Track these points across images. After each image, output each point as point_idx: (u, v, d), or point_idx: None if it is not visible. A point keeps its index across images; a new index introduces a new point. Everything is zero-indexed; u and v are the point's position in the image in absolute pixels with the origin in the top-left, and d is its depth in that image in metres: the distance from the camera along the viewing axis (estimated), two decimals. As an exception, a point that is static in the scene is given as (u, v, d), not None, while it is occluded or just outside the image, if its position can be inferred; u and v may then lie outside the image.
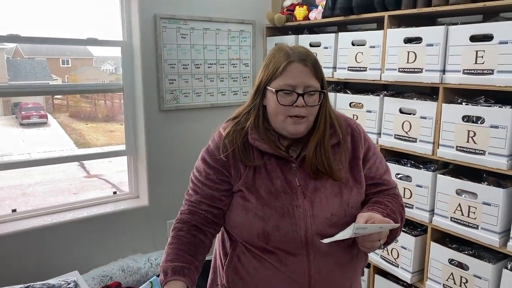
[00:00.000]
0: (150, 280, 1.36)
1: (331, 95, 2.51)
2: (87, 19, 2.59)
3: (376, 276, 2.44)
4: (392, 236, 1.18)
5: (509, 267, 1.84)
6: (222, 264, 1.26)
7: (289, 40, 2.85)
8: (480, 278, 1.92)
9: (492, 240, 1.85)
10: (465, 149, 1.92)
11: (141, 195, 2.86)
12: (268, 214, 1.15)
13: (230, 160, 1.20)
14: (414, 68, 2.08)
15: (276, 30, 3.05)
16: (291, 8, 2.89)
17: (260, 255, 1.18)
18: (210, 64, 2.88)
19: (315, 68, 1.16)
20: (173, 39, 2.70)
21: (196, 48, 2.81)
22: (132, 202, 2.83)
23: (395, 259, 2.29)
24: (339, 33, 2.52)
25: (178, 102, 2.79)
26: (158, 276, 2.08)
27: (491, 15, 2.04)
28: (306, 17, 2.79)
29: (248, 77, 3.08)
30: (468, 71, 1.87)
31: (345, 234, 1.06)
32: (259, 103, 1.22)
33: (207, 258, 1.22)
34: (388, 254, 2.33)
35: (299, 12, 2.82)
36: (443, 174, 2.06)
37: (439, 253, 2.09)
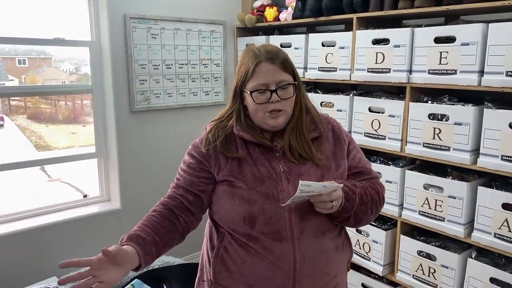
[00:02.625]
0: (131, 283, 1.35)
1: (302, 94, 2.57)
2: (53, 18, 2.52)
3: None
4: (350, 206, 1.21)
5: (473, 256, 1.95)
6: (209, 259, 1.29)
7: (260, 40, 2.88)
8: (447, 267, 2.03)
9: (457, 231, 1.96)
10: (431, 146, 2.01)
11: (113, 198, 2.81)
12: (254, 197, 1.20)
13: (211, 152, 1.27)
14: (382, 69, 2.16)
15: (246, 30, 3.08)
16: (261, 9, 2.92)
17: (246, 243, 1.21)
18: (181, 64, 2.87)
19: (283, 64, 1.23)
20: (143, 39, 2.67)
21: (167, 49, 2.79)
22: (104, 205, 2.78)
23: (367, 253, 2.37)
24: (309, 34, 2.58)
25: (149, 103, 2.76)
26: (137, 278, 2.06)
27: (452, 17, 2.14)
28: (276, 18, 2.83)
29: (220, 77, 3.09)
30: (433, 71, 1.97)
31: (296, 194, 1.11)
32: (239, 105, 1.29)
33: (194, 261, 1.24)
34: (360, 248, 2.41)
35: (269, 13, 2.85)
36: (411, 169, 2.15)
37: (408, 246, 2.18)
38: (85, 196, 2.80)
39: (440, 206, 2.01)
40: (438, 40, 1.94)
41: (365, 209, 1.25)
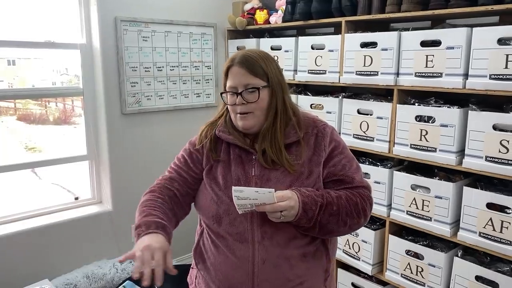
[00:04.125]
0: (123, 284, 1.37)
1: (293, 97, 2.59)
2: (43, 21, 2.52)
3: (339, 270, 2.55)
4: (309, 217, 1.18)
5: (459, 255, 1.99)
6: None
7: (250, 43, 2.92)
8: (434, 266, 2.07)
9: (444, 230, 2.00)
10: (418, 147, 2.06)
11: (104, 200, 2.82)
12: (221, 199, 1.26)
13: (203, 149, 1.35)
14: (370, 71, 2.20)
15: (237, 33, 3.10)
16: (252, 12, 2.95)
17: (215, 240, 1.29)
18: (173, 66, 2.89)
19: (253, 68, 1.26)
20: (134, 42, 2.68)
21: (158, 51, 2.80)
22: (95, 207, 2.78)
23: (356, 252, 2.41)
24: (299, 37, 2.61)
25: (140, 105, 2.78)
26: (128, 279, 2.07)
27: (438, 21, 2.19)
28: (267, 21, 2.86)
29: (211, 79, 3.11)
30: (419, 74, 2.01)
31: (234, 201, 1.14)
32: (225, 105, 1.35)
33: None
34: (349, 248, 2.45)
35: (260, 16, 2.88)
36: (399, 170, 2.19)
37: (396, 245, 2.22)
38: (76, 198, 2.81)
39: (427, 206, 2.05)
40: (424, 43, 1.99)
41: (334, 220, 1.21)
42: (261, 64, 1.27)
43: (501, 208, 1.81)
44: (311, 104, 2.55)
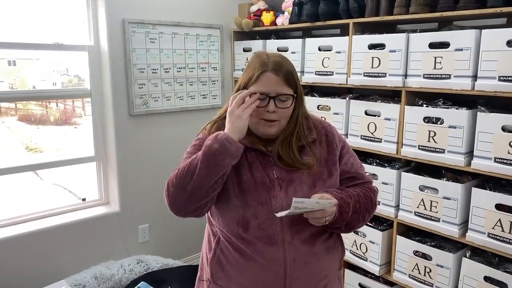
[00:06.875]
0: (138, 285, 1.38)
1: (299, 98, 2.60)
2: (51, 23, 2.53)
3: (346, 270, 2.56)
4: (343, 218, 1.24)
5: (467, 256, 2.00)
6: (208, 259, 1.34)
7: (257, 44, 2.92)
8: (442, 267, 2.08)
9: (452, 231, 2.01)
10: (426, 148, 2.06)
11: (112, 201, 2.83)
12: (248, 203, 1.23)
13: None
14: (378, 73, 2.21)
15: (243, 34, 3.11)
16: (258, 14, 2.96)
17: (240, 246, 1.25)
18: (179, 68, 2.90)
19: (287, 77, 1.25)
20: (142, 44, 2.70)
21: (165, 53, 2.82)
22: (103, 208, 2.80)
23: (363, 253, 2.42)
24: (306, 38, 2.62)
25: (148, 107, 2.79)
26: (139, 280, 2.07)
27: (445, 23, 2.20)
28: (273, 23, 2.87)
29: (217, 80, 3.12)
30: (427, 75, 2.02)
31: (289, 210, 1.14)
32: None
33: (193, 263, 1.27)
34: (357, 249, 2.45)
35: (266, 17, 2.89)
36: (407, 171, 2.20)
37: (404, 246, 2.23)
38: (84, 199, 2.82)
39: (435, 207, 2.06)
40: (432, 45, 2.00)
41: (357, 217, 1.29)
42: (293, 74, 1.28)
43: (510, 209, 1.82)
44: (318, 106, 2.56)
